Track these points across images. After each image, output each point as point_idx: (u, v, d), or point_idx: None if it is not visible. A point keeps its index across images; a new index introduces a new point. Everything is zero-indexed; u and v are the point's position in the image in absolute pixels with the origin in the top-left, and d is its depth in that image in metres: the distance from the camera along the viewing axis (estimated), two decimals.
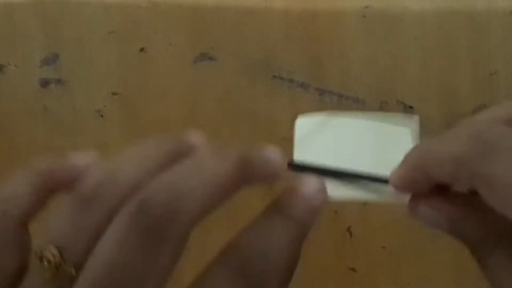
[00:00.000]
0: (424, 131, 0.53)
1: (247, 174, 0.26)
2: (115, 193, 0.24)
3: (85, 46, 0.53)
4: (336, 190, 0.30)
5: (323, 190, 0.28)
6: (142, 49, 0.53)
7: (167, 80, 0.53)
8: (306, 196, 0.27)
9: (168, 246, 0.23)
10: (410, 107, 0.52)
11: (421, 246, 0.52)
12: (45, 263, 0.23)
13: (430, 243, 0.52)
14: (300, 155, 0.32)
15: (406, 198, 0.29)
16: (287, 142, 0.53)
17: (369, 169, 0.31)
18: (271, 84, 0.53)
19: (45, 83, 0.53)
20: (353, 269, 0.52)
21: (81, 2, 0.53)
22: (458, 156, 0.25)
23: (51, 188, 0.26)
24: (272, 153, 0.28)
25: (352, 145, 0.33)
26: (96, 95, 0.53)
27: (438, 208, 0.28)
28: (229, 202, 0.26)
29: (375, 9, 0.52)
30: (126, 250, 0.23)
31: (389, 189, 0.29)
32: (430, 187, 0.28)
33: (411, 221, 0.36)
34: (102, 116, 0.53)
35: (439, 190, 0.28)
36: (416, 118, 0.34)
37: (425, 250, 0.52)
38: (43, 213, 0.27)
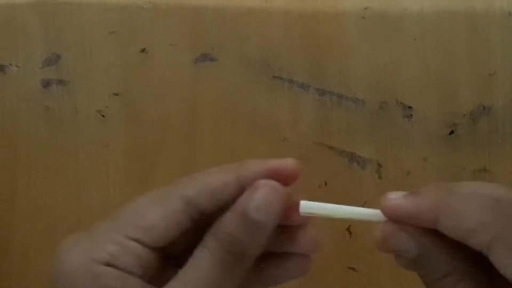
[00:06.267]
0: (424, 131, 0.53)
1: None
2: None
3: (87, 46, 0.53)
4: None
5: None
6: (143, 50, 0.53)
7: (168, 81, 0.53)
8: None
9: None
10: (410, 107, 0.52)
11: None
12: None
13: None
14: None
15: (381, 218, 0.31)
16: (287, 142, 0.53)
17: None
18: (271, 84, 0.53)
19: (46, 84, 0.54)
20: (353, 269, 0.52)
21: (82, 3, 0.53)
22: (478, 224, 0.29)
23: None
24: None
25: None
26: (98, 95, 0.53)
27: (414, 237, 0.30)
28: None
29: (375, 10, 0.52)
30: None
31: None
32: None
33: None
34: (103, 116, 0.53)
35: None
36: None
37: None
38: None
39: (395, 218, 0.31)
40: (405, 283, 0.53)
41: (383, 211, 0.32)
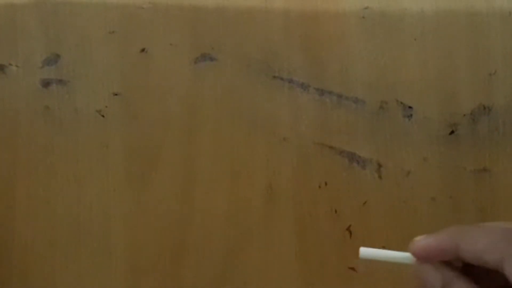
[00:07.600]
0: (424, 131, 0.53)
1: None
2: None
3: (86, 46, 0.53)
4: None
5: None
6: (143, 50, 0.53)
7: (168, 80, 0.53)
8: None
9: None
10: (410, 107, 0.52)
11: None
12: None
13: None
14: None
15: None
16: (287, 142, 0.53)
17: None
18: (271, 84, 0.53)
19: (46, 83, 0.54)
20: (353, 269, 0.52)
21: (82, 3, 0.53)
22: (489, 244, 0.34)
23: None
24: None
25: None
26: (97, 95, 0.53)
27: (438, 269, 0.36)
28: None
29: (375, 10, 0.52)
30: None
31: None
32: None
33: (411, 220, 0.36)
34: (103, 116, 0.53)
35: None
36: None
37: None
38: None
39: (423, 256, 0.36)
40: (405, 283, 0.53)
41: (413, 252, 0.37)
